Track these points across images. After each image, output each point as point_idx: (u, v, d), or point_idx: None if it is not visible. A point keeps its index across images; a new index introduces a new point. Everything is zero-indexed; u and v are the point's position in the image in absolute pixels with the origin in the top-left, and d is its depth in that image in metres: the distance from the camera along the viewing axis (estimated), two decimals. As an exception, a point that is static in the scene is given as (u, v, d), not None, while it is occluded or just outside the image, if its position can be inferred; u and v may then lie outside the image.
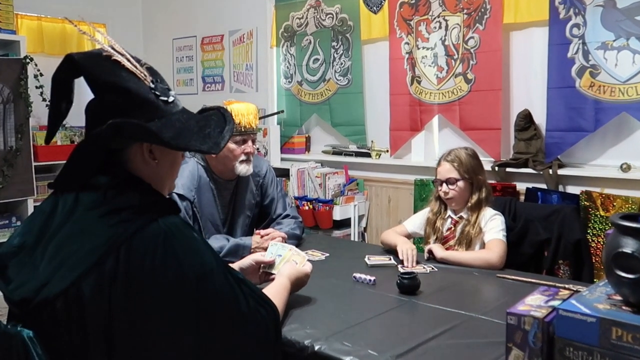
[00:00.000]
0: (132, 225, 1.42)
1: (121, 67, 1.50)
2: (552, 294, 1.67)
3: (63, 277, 1.37)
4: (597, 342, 1.39)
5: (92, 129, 1.48)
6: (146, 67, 1.56)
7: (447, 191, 2.93)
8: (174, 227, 1.47)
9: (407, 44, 4.66)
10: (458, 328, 1.97)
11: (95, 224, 1.42)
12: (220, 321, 1.50)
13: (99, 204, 1.45)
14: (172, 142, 1.48)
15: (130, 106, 1.48)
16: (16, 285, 1.41)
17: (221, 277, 1.52)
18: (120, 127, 1.43)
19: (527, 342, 1.51)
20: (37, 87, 4.96)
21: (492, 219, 2.89)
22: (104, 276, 1.36)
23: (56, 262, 1.39)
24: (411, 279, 2.32)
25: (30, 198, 5.19)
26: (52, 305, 1.36)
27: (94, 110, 1.51)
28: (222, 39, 6.10)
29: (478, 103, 4.30)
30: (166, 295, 1.40)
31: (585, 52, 3.76)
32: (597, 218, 3.68)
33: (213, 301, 1.48)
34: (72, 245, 1.41)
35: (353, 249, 3.31)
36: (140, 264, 1.39)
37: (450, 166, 2.95)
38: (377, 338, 1.91)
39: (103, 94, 1.50)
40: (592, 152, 3.95)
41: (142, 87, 1.51)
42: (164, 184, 1.63)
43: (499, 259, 2.73)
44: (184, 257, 1.44)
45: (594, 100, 3.76)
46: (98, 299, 1.36)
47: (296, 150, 5.51)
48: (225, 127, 1.63)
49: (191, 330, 1.44)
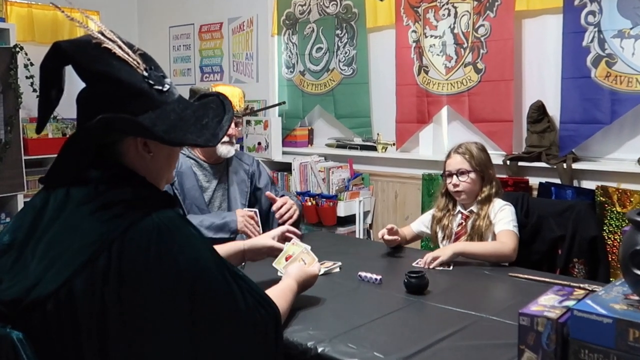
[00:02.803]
0: (124, 221, 1.41)
1: (112, 55, 1.48)
2: (566, 294, 1.67)
3: (54, 277, 1.37)
4: (613, 344, 1.39)
5: (84, 120, 1.47)
6: (139, 53, 1.54)
7: (457, 183, 2.94)
8: (168, 221, 1.46)
9: (414, 32, 4.66)
10: (468, 329, 1.97)
11: (86, 220, 1.42)
12: (216, 319, 1.50)
13: (90, 198, 1.45)
14: (166, 136, 1.47)
15: (122, 97, 1.47)
16: (7, 285, 1.40)
17: (218, 274, 1.52)
18: (110, 121, 1.42)
19: (540, 344, 1.51)
20: (27, 77, 4.97)
21: (501, 209, 2.90)
22: (96, 274, 1.36)
23: (47, 261, 1.39)
24: (419, 278, 2.32)
25: (20, 193, 5.20)
26: (43, 306, 1.36)
27: (85, 101, 1.51)
28: (221, 26, 6.10)
29: (488, 94, 4.30)
30: (160, 293, 1.40)
31: (601, 40, 3.76)
32: (614, 214, 3.68)
33: (208, 299, 1.48)
34: (63, 242, 1.40)
35: (358, 246, 3.31)
36: (134, 260, 1.38)
37: (462, 158, 2.97)
38: (383, 340, 1.90)
39: (94, 84, 1.49)
40: (608, 145, 3.94)
41: (134, 76, 1.49)
42: (160, 177, 1.62)
43: (512, 251, 2.75)
44: (178, 253, 1.44)
45: (610, 91, 3.75)
46: (90, 298, 1.36)
47: (298, 143, 5.51)
48: (224, 116, 1.62)
49: (186, 328, 1.44)
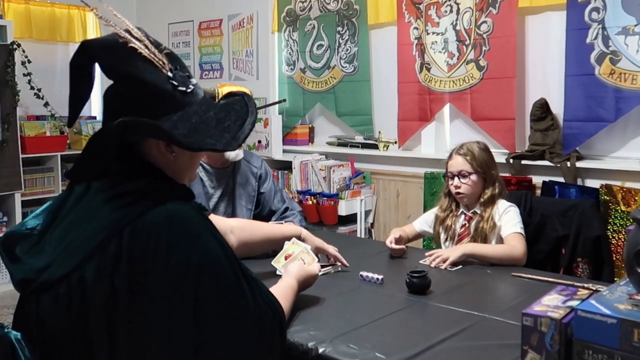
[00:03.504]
0: (137, 208, 1.44)
1: (138, 55, 1.50)
2: (570, 294, 1.67)
3: (65, 261, 1.42)
4: (617, 345, 1.39)
5: (108, 118, 1.51)
6: (165, 52, 1.56)
7: (458, 185, 2.93)
8: (181, 212, 1.49)
9: (416, 29, 4.66)
10: (471, 330, 1.97)
11: (101, 208, 1.46)
12: (224, 315, 1.51)
13: (107, 188, 1.49)
14: (185, 140, 1.48)
15: (145, 98, 1.49)
16: (19, 267, 1.47)
17: (229, 270, 1.53)
18: (130, 125, 1.44)
19: (544, 344, 1.51)
20: (24, 75, 4.97)
21: (506, 211, 2.88)
22: (107, 260, 1.40)
23: (61, 246, 1.45)
24: (421, 277, 2.32)
25: (17, 192, 5.21)
26: (54, 290, 1.41)
27: (110, 99, 1.54)
28: (221, 23, 6.10)
29: (491, 91, 4.30)
30: (168, 282, 1.42)
31: (605, 37, 3.76)
32: (618, 213, 3.68)
33: (217, 293, 1.50)
34: (78, 229, 1.46)
35: (359, 246, 3.31)
36: (144, 247, 1.41)
37: (463, 159, 2.94)
38: (384, 340, 1.90)
39: (118, 83, 1.52)
40: (612, 143, 3.95)
41: (159, 76, 1.51)
42: (183, 176, 1.64)
43: (522, 254, 2.74)
44: (189, 244, 1.46)
45: (614, 89, 3.75)
46: (101, 283, 1.39)
47: (299, 141, 5.52)
48: (246, 119, 1.62)
49: (190, 318, 1.45)
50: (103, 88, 1.56)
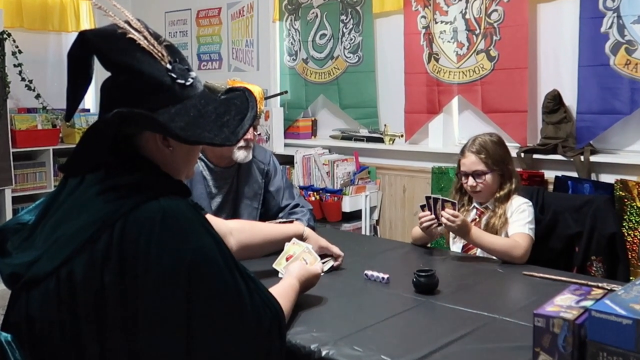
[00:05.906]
0: (129, 202, 1.46)
1: (137, 46, 1.51)
2: (583, 294, 1.67)
3: (54, 254, 1.43)
4: (633, 347, 1.39)
5: (105, 109, 1.52)
6: (165, 45, 1.57)
7: (474, 184, 2.91)
8: (175, 207, 1.50)
9: (423, 18, 4.65)
10: (480, 331, 1.97)
11: (93, 201, 1.48)
12: (216, 312, 1.52)
13: (100, 181, 1.51)
14: (182, 134, 1.50)
15: (143, 90, 1.51)
16: (9, 261, 1.49)
17: (223, 267, 1.54)
18: (126, 116, 1.46)
19: (557, 346, 1.51)
20: (15, 66, 4.97)
21: (519, 209, 2.87)
22: (97, 254, 1.41)
23: (51, 239, 1.46)
24: (429, 277, 2.32)
25: (8, 188, 5.21)
26: (44, 285, 1.42)
27: (107, 91, 1.55)
28: (220, 12, 6.10)
29: (502, 83, 4.29)
30: (159, 277, 1.43)
31: (621, 26, 3.75)
32: (634, 209, 3.67)
33: (209, 290, 1.51)
34: (68, 222, 1.47)
35: (364, 244, 3.31)
36: (135, 242, 1.43)
37: (477, 158, 2.91)
38: (390, 342, 1.91)
39: (116, 75, 1.54)
40: (628, 136, 3.94)
41: (157, 68, 1.53)
42: (179, 172, 1.66)
43: (523, 255, 2.72)
44: (182, 239, 1.47)
45: (630, 80, 3.74)
46: (90, 277, 1.41)
47: (301, 135, 5.52)
48: (246, 114, 1.64)
49: (182, 316, 1.46)
50: (99, 80, 1.57)
